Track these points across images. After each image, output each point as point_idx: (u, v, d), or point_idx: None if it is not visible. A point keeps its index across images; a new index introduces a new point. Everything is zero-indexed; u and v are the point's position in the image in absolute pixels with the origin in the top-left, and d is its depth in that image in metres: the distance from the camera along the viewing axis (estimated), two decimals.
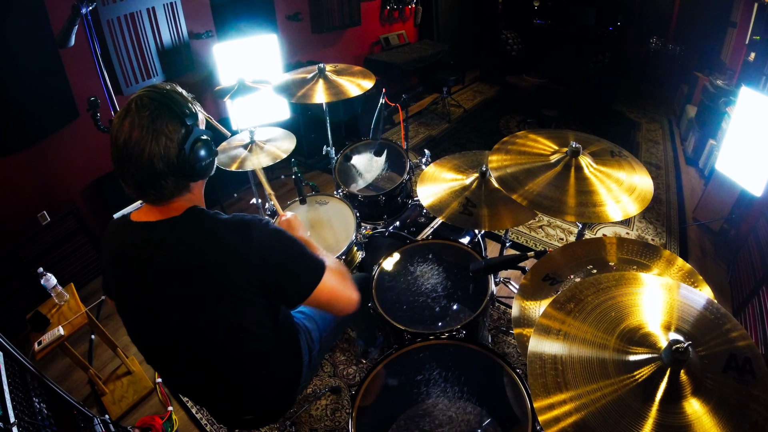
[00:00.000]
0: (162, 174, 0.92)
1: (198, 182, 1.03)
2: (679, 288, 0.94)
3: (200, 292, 0.97)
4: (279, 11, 3.71)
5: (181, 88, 1.01)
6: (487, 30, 6.15)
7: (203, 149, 0.97)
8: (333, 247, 1.92)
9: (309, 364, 1.38)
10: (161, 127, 0.90)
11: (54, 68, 2.31)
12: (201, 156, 0.97)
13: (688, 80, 4.74)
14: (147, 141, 0.89)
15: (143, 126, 0.89)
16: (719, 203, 3.02)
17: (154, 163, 0.90)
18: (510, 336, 2.23)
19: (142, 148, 0.89)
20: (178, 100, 0.95)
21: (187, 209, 1.00)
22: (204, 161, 0.98)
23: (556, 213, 1.32)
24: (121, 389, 2.08)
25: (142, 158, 0.89)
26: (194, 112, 0.97)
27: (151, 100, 0.91)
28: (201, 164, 0.97)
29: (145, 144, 0.89)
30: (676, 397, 0.76)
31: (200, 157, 0.97)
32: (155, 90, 0.94)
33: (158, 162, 0.90)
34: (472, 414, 1.36)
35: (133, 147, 0.89)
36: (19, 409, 1.27)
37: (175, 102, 0.94)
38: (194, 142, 0.95)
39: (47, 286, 1.87)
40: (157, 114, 0.90)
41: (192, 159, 0.95)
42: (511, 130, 4.72)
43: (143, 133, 0.89)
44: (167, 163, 0.92)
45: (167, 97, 0.93)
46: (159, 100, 0.92)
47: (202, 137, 0.97)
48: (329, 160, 2.58)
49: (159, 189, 0.95)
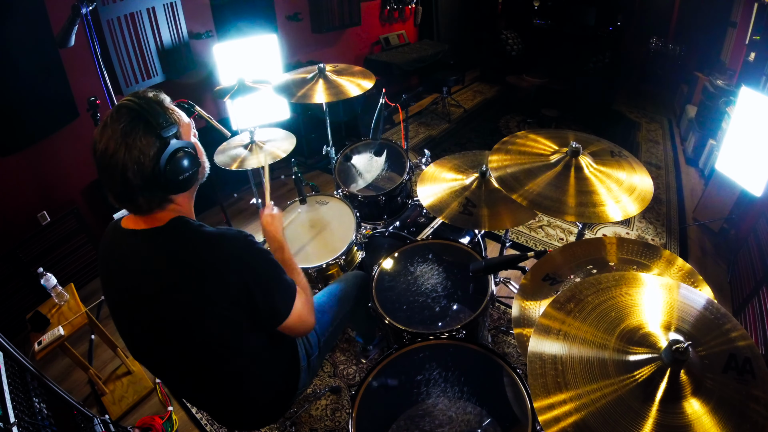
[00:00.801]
0: (137, 187, 0.90)
1: (182, 194, 1.00)
2: (679, 288, 0.94)
3: (183, 303, 0.96)
4: (279, 11, 3.71)
5: (164, 96, 0.97)
6: (487, 30, 6.15)
7: (182, 162, 0.93)
8: (333, 247, 1.92)
9: (308, 369, 1.38)
10: (134, 141, 0.87)
11: (54, 68, 2.31)
12: (180, 169, 0.93)
13: (688, 80, 4.73)
14: (121, 153, 0.86)
15: (116, 139, 0.87)
16: (719, 203, 3.02)
17: (128, 176, 0.88)
18: (510, 336, 2.23)
19: (116, 161, 0.87)
20: (156, 111, 0.91)
21: (171, 220, 0.97)
22: (183, 174, 0.94)
23: (556, 213, 1.32)
24: (121, 389, 2.07)
25: (116, 170, 0.87)
26: (173, 122, 0.93)
27: (129, 110, 0.89)
28: (179, 177, 0.93)
29: (120, 156, 0.87)
30: (676, 397, 0.76)
31: (179, 170, 0.93)
32: (135, 100, 0.91)
33: (132, 176, 0.88)
34: (472, 414, 1.36)
35: (108, 158, 0.87)
36: (19, 409, 1.26)
37: (152, 113, 0.90)
38: (170, 156, 0.91)
39: (47, 286, 1.87)
40: (131, 127, 0.87)
41: (169, 172, 0.91)
42: (511, 130, 4.72)
43: (117, 146, 0.87)
44: (142, 176, 0.89)
45: (145, 107, 0.90)
46: (136, 111, 0.89)
47: (181, 150, 0.93)
48: (329, 160, 2.58)
49: (135, 202, 0.93)
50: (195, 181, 1.00)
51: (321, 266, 1.84)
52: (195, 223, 0.99)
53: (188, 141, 0.98)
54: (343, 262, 1.91)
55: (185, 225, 0.98)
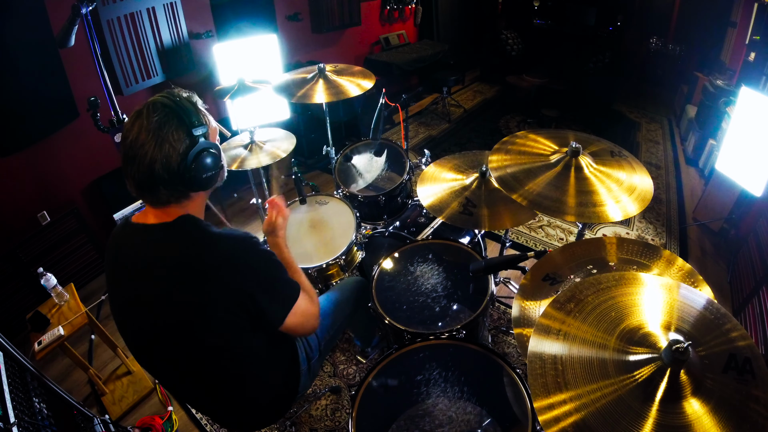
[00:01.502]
0: (160, 179, 0.93)
1: (199, 193, 1.03)
2: (679, 288, 0.94)
3: (184, 303, 0.96)
4: (279, 11, 3.71)
5: (197, 98, 1.02)
6: (487, 30, 6.15)
7: (207, 161, 0.97)
8: (333, 247, 1.92)
9: (308, 372, 1.38)
10: (166, 134, 0.91)
11: (54, 68, 2.31)
12: (203, 167, 0.97)
13: (688, 80, 4.73)
14: (151, 145, 0.90)
15: (150, 130, 0.91)
16: (719, 203, 3.02)
17: (155, 167, 0.91)
18: (510, 336, 2.23)
19: (146, 151, 0.91)
20: (189, 109, 0.96)
21: (180, 216, 0.99)
22: (206, 173, 0.98)
23: (556, 213, 1.32)
24: (121, 389, 2.07)
25: (144, 161, 0.91)
26: (203, 123, 0.97)
27: (163, 105, 0.93)
28: (202, 175, 0.97)
29: (149, 148, 0.91)
30: (676, 397, 0.76)
31: (202, 169, 0.96)
32: (170, 96, 0.96)
33: (159, 167, 0.92)
34: (472, 414, 1.36)
35: (138, 149, 0.91)
36: (19, 409, 1.26)
37: (185, 111, 0.95)
38: (198, 154, 0.95)
39: (47, 286, 1.87)
40: (165, 120, 0.92)
41: (193, 169, 0.95)
42: (511, 130, 4.72)
43: (149, 137, 0.91)
44: (167, 169, 0.92)
45: (179, 104, 0.95)
46: (170, 107, 0.93)
47: (207, 149, 0.97)
48: (329, 160, 2.58)
49: (156, 193, 0.95)
50: (215, 181, 1.04)
51: (321, 266, 1.84)
52: (202, 223, 1.01)
53: (214, 143, 1.02)
54: (343, 262, 1.91)
55: (192, 223, 1.00)
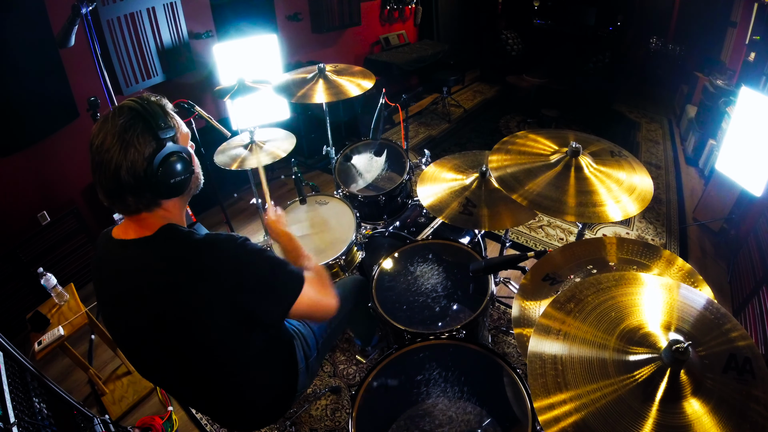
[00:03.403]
0: (127, 186, 0.89)
1: (171, 200, 0.99)
2: (679, 288, 0.94)
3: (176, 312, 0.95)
4: (279, 11, 3.71)
5: (167, 102, 0.98)
6: (487, 30, 6.15)
7: (175, 166, 0.93)
8: (333, 247, 1.92)
9: (306, 371, 1.38)
10: (131, 138, 0.88)
11: (54, 68, 2.31)
12: (171, 172, 0.92)
13: (688, 80, 4.74)
14: (116, 150, 0.87)
15: (115, 134, 0.88)
16: (719, 203, 3.02)
17: (120, 173, 0.88)
18: (510, 336, 2.23)
19: (111, 156, 0.87)
20: (156, 112, 0.92)
21: (161, 228, 0.96)
22: (174, 178, 0.93)
23: (556, 213, 1.32)
24: (121, 389, 2.07)
25: (110, 167, 0.88)
26: (171, 126, 0.94)
27: (130, 109, 0.90)
28: (170, 181, 0.93)
29: (114, 153, 0.87)
30: (676, 397, 0.76)
31: (171, 174, 0.92)
32: (137, 100, 0.93)
33: (124, 173, 0.88)
34: (472, 414, 1.36)
35: (104, 153, 0.88)
36: (19, 409, 1.27)
37: (152, 114, 0.91)
38: (165, 159, 0.91)
39: (47, 286, 1.87)
40: (130, 124, 0.88)
41: (160, 174, 0.91)
42: (511, 130, 4.72)
43: (113, 142, 0.87)
44: (133, 175, 0.89)
45: (146, 108, 0.91)
46: (137, 110, 0.90)
47: (175, 153, 0.93)
48: (329, 160, 2.58)
49: (124, 201, 0.92)
50: (186, 187, 1.00)
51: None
52: (184, 230, 0.98)
53: (184, 146, 0.98)
54: (343, 262, 1.91)
55: (174, 233, 0.97)
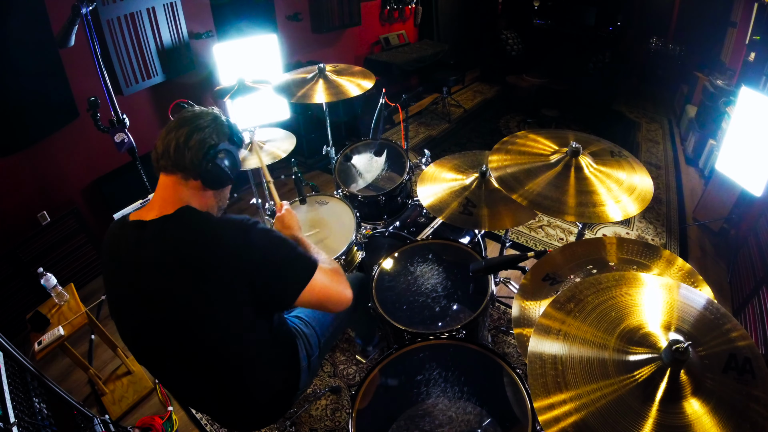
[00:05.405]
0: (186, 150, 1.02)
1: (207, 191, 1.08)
2: (679, 288, 0.94)
3: (191, 292, 0.96)
4: (279, 11, 3.71)
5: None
6: (487, 30, 6.15)
7: (225, 161, 1.07)
8: (333, 247, 1.92)
9: (308, 369, 1.38)
10: (217, 127, 1.08)
11: (54, 68, 2.30)
12: (223, 162, 1.06)
13: (688, 80, 4.73)
14: (204, 122, 1.06)
15: (209, 114, 1.09)
16: (719, 203, 3.02)
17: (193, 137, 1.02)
18: (510, 336, 2.23)
19: (200, 124, 1.05)
20: (240, 134, 1.17)
21: (180, 208, 1.01)
22: (222, 167, 1.06)
23: (556, 213, 1.32)
24: (121, 389, 2.07)
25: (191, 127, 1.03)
26: (242, 146, 1.19)
27: (208, 113, 1.10)
28: (218, 165, 1.05)
29: (203, 124, 1.05)
30: (676, 397, 0.76)
31: (221, 162, 1.06)
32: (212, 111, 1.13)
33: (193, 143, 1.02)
34: (472, 414, 1.36)
35: (189, 121, 1.05)
36: (19, 409, 1.27)
37: (238, 132, 1.16)
38: (225, 151, 1.07)
39: (47, 286, 1.87)
40: (222, 121, 1.10)
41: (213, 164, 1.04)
42: (511, 130, 4.72)
43: (206, 119, 1.07)
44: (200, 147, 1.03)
45: (235, 128, 1.15)
46: (213, 116, 1.10)
47: (233, 155, 1.10)
48: (329, 160, 2.58)
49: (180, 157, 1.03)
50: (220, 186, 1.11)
51: None
52: (202, 212, 1.03)
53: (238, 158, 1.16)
54: (343, 262, 1.91)
55: (194, 211, 1.02)
